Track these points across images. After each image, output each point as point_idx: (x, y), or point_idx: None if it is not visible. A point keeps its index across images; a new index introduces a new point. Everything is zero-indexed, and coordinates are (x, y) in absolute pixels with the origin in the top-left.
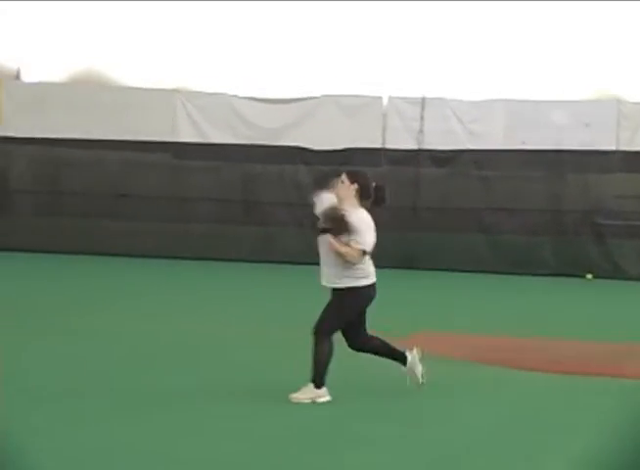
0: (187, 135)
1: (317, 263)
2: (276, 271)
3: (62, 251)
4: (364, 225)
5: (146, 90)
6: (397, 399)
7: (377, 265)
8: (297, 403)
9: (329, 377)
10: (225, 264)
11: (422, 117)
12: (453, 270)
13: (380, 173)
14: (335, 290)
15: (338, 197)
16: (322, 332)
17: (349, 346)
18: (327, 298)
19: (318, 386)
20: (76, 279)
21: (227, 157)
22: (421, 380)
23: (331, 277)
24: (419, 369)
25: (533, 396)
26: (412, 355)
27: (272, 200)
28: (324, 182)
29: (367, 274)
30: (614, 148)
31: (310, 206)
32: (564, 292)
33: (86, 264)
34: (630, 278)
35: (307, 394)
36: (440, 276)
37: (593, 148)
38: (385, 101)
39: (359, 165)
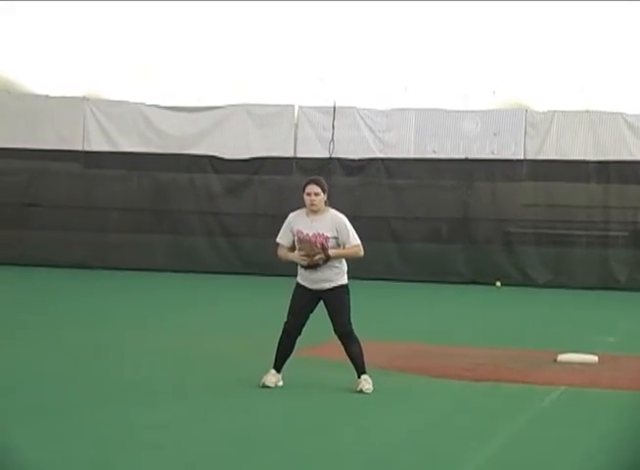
0: (97, 144)
1: (230, 272)
2: (189, 280)
3: None
4: (348, 223)
5: (55, 98)
6: (313, 410)
7: (284, 274)
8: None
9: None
10: (137, 274)
11: (333, 126)
12: (364, 279)
13: (291, 182)
14: (333, 289)
15: (315, 209)
16: (352, 329)
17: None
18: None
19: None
20: None
21: (138, 165)
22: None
23: (330, 278)
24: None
25: (445, 402)
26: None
27: (183, 208)
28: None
29: None
30: (521, 157)
31: (221, 214)
32: (474, 299)
33: None
34: (537, 285)
35: (370, 382)
36: (351, 284)
37: (501, 157)
38: (296, 110)
39: (271, 174)
